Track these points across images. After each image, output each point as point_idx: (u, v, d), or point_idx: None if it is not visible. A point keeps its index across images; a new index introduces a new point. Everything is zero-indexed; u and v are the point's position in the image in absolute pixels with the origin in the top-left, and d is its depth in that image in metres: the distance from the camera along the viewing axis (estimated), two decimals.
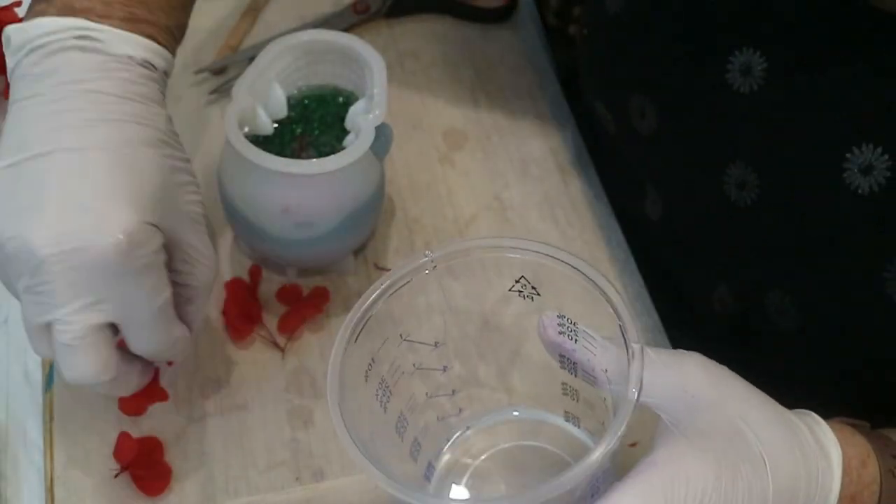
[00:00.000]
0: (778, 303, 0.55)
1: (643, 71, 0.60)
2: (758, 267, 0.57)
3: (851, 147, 0.49)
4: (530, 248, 0.47)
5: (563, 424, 0.55)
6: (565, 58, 0.79)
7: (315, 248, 0.61)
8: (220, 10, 0.79)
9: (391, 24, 0.80)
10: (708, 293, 0.62)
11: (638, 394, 0.41)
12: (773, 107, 0.53)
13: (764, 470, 0.43)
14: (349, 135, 0.61)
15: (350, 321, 0.46)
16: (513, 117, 0.74)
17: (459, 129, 0.74)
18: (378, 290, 0.47)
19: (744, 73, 0.53)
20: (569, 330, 0.47)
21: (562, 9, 0.88)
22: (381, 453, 0.43)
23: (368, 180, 0.60)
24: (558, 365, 0.50)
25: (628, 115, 0.62)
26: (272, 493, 0.57)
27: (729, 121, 0.55)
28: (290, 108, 0.63)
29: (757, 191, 0.54)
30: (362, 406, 0.47)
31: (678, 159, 0.60)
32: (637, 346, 0.42)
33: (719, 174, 0.56)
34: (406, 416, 0.51)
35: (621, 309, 0.44)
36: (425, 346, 0.51)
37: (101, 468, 0.57)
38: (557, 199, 0.70)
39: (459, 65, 0.77)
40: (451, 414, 0.55)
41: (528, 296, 0.48)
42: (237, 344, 0.62)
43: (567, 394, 0.53)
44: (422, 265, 0.48)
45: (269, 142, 0.62)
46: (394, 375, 0.49)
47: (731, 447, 0.43)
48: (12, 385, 0.62)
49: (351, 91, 0.64)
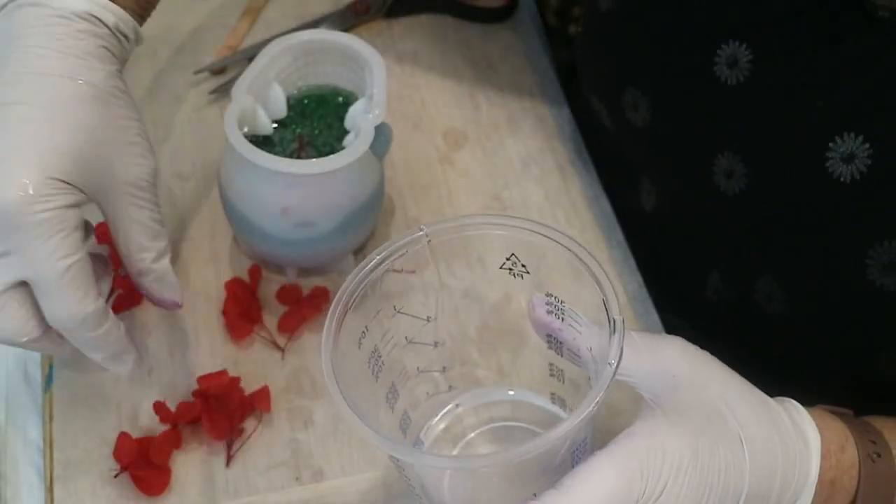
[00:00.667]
0: (767, 289, 0.56)
1: (635, 65, 0.61)
2: (747, 254, 0.58)
3: (834, 136, 0.50)
4: (521, 226, 0.48)
5: (550, 406, 0.56)
6: (565, 57, 0.80)
7: (315, 248, 0.61)
8: (220, 10, 0.79)
9: (391, 24, 0.80)
10: (702, 282, 0.63)
11: (617, 363, 0.42)
12: (758, 98, 0.53)
13: (741, 449, 0.44)
14: (349, 135, 0.61)
15: (346, 289, 0.47)
16: (513, 117, 0.74)
17: (459, 129, 0.74)
18: (374, 260, 0.48)
19: (730, 66, 0.54)
20: (556, 309, 0.48)
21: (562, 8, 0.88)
22: (372, 423, 0.44)
23: (368, 180, 0.60)
24: (546, 345, 0.51)
25: (622, 108, 0.62)
26: (272, 493, 0.57)
27: (717, 112, 0.56)
28: (289, 107, 0.63)
29: (745, 180, 0.55)
30: (356, 373, 0.48)
31: (670, 151, 0.61)
32: (619, 318, 0.43)
33: (709, 165, 0.57)
34: (397, 388, 0.52)
35: (604, 282, 0.45)
36: (418, 320, 0.52)
37: (100, 468, 0.57)
38: (557, 199, 0.70)
39: (459, 65, 0.77)
40: (441, 390, 0.56)
41: (519, 273, 0.49)
42: (237, 344, 0.62)
43: (554, 375, 0.54)
44: (417, 239, 0.48)
45: (268, 142, 0.62)
46: (386, 346, 0.50)
47: (710, 425, 0.44)
48: (12, 385, 0.62)
49: (351, 91, 0.64)
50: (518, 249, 0.48)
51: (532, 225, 0.47)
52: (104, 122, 0.50)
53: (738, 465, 0.43)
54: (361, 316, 0.48)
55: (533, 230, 0.47)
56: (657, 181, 0.65)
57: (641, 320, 0.65)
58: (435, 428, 0.57)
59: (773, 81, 0.53)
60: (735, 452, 0.44)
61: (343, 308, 0.46)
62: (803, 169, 0.52)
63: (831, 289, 0.53)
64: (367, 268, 0.47)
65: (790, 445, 0.46)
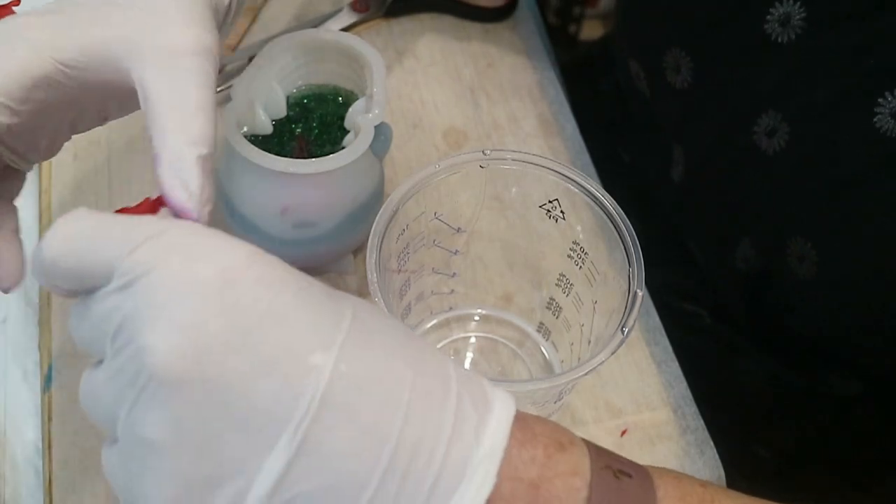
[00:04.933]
0: (800, 250, 0.57)
1: (680, 25, 0.62)
2: (781, 214, 0.58)
3: (884, 92, 0.50)
4: (579, 181, 0.52)
5: (535, 335, 0.62)
6: (566, 57, 0.80)
7: (315, 248, 0.60)
8: None
9: (391, 24, 0.79)
10: (731, 252, 0.63)
11: (627, 333, 0.46)
12: (808, 56, 0.54)
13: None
14: (349, 134, 0.61)
15: (406, 185, 0.51)
16: (513, 117, 0.74)
17: (459, 129, 0.74)
18: (434, 169, 0.52)
19: (782, 24, 0.54)
20: (578, 256, 0.53)
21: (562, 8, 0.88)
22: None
23: (368, 180, 0.60)
24: (554, 282, 0.57)
25: (663, 70, 0.63)
26: None
27: (765, 71, 0.56)
28: (289, 107, 0.63)
29: (786, 137, 0.56)
30: (389, 258, 0.52)
31: (710, 111, 0.61)
32: (641, 292, 0.47)
33: (750, 124, 0.57)
34: (410, 281, 0.57)
35: (632, 255, 0.49)
36: (450, 228, 0.57)
37: (100, 468, 0.56)
38: (558, 199, 0.70)
39: (459, 64, 0.77)
40: (443, 291, 0.62)
41: (555, 217, 0.54)
42: None
43: (550, 308, 0.58)
44: (475, 158, 0.53)
45: (268, 142, 0.62)
46: (416, 243, 0.55)
47: None
48: (10, 385, 0.62)
49: (350, 90, 0.64)
50: (563, 198, 0.53)
51: (593, 188, 0.52)
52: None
53: None
54: (409, 214, 0.53)
55: (588, 191, 0.52)
56: (691, 147, 0.65)
57: (642, 320, 0.65)
58: (426, 324, 0.63)
59: (824, 41, 0.53)
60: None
61: (395, 206, 0.50)
62: (850, 124, 0.52)
63: (866, 249, 0.53)
64: (426, 174, 0.51)
65: (437, 389, 0.34)
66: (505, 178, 0.54)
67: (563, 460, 0.35)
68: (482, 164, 0.53)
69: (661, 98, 0.65)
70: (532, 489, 0.34)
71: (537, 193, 0.54)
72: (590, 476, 0.35)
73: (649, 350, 0.63)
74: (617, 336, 0.46)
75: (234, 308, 0.32)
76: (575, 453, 0.36)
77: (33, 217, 0.67)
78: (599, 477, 0.35)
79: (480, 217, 0.58)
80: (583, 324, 0.54)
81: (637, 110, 0.71)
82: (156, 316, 0.32)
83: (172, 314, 0.32)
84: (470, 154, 0.53)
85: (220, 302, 0.32)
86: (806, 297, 0.58)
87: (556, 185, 0.53)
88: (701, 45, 0.61)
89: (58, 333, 0.62)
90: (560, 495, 0.34)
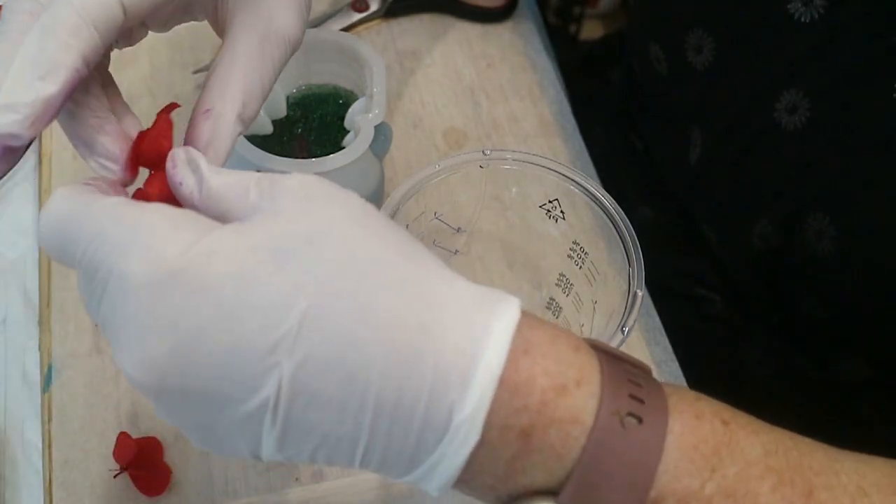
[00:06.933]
0: (818, 226, 0.57)
1: (702, 5, 0.62)
2: (800, 190, 0.58)
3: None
4: (578, 180, 0.52)
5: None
6: (566, 57, 0.80)
7: None
8: None
9: (391, 24, 0.79)
10: (747, 231, 0.63)
11: (627, 333, 0.46)
12: (831, 34, 0.54)
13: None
14: (349, 134, 0.61)
15: (406, 185, 0.51)
16: (513, 117, 0.74)
17: (459, 129, 0.74)
18: (434, 169, 0.52)
19: (805, 3, 0.55)
20: (578, 256, 0.53)
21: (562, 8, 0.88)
22: None
23: (368, 180, 0.60)
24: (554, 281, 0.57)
25: (684, 51, 0.63)
26: (272, 493, 0.57)
27: (787, 50, 0.56)
28: (289, 107, 0.63)
29: (808, 114, 0.56)
30: None
31: (732, 91, 0.62)
32: (640, 293, 0.47)
33: (772, 102, 0.58)
34: None
35: (632, 255, 0.49)
36: (450, 228, 0.57)
37: (100, 468, 0.57)
38: (558, 199, 0.70)
39: (459, 64, 0.77)
40: None
41: (555, 217, 0.54)
42: None
43: (550, 308, 0.58)
44: (475, 158, 0.52)
45: (268, 142, 0.62)
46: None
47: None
48: (10, 386, 0.62)
49: (350, 91, 0.64)
50: (563, 198, 0.53)
51: (593, 188, 0.52)
52: None
53: None
54: (410, 213, 0.52)
55: (588, 191, 0.51)
56: (710, 127, 0.65)
57: (642, 320, 0.65)
58: None
59: (846, 18, 0.53)
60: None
61: (395, 205, 0.50)
62: (871, 98, 0.52)
63: (886, 224, 0.54)
64: (426, 174, 0.51)
65: (430, 315, 0.32)
66: (505, 178, 0.54)
67: (564, 406, 0.32)
68: (482, 164, 0.53)
69: (681, 79, 0.66)
70: (522, 437, 0.32)
71: (537, 193, 0.54)
72: (592, 422, 0.32)
73: (649, 350, 0.63)
74: (617, 336, 0.46)
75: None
76: (580, 396, 0.33)
77: (33, 217, 0.67)
78: (603, 424, 0.32)
79: (480, 217, 0.58)
80: (583, 324, 0.55)
81: (653, 95, 0.71)
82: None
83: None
84: (470, 154, 0.53)
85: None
86: (823, 274, 0.58)
87: (556, 185, 0.53)
88: (723, 26, 0.61)
89: (58, 333, 0.62)
90: (553, 444, 0.32)
